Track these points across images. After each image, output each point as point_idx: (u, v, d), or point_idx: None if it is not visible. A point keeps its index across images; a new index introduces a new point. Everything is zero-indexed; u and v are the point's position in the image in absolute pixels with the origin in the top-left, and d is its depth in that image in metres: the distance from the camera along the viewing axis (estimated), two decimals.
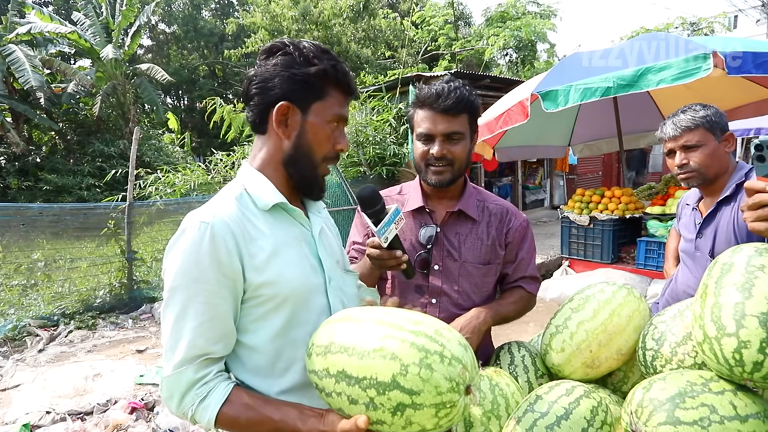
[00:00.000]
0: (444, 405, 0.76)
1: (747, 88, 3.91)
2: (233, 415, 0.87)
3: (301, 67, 0.94)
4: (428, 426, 0.77)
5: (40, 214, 5.28)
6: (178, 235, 0.89)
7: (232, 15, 20.12)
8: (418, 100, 1.36)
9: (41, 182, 11.04)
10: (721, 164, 1.69)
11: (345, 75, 0.98)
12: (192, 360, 0.87)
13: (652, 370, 1.05)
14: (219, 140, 9.92)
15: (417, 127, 1.36)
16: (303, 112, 0.96)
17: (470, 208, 1.42)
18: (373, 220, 1.15)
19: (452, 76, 1.41)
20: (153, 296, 5.35)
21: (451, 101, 1.29)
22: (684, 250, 1.84)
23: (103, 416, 2.96)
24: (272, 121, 0.95)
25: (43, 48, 12.34)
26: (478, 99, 1.38)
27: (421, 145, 1.36)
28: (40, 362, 3.87)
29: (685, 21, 14.83)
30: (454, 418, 0.79)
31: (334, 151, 1.01)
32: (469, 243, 1.41)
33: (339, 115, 0.99)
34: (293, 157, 0.98)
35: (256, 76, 0.96)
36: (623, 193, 4.60)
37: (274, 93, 0.94)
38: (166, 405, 0.91)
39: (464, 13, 15.37)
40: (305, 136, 0.97)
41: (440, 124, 1.31)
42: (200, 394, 0.87)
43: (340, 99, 0.99)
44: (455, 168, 1.35)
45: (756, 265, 0.89)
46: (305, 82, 0.94)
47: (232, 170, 6.74)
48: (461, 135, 1.33)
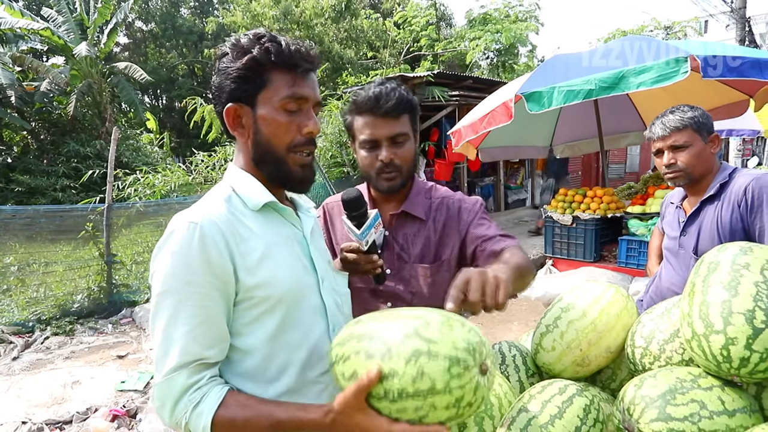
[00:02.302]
0: (458, 362, 0.75)
1: (721, 91, 4.04)
2: (229, 417, 0.83)
3: (234, 63, 0.90)
4: (438, 383, 0.74)
5: (12, 216, 5.11)
6: (166, 237, 0.86)
7: (212, 14, 19.85)
8: (357, 106, 1.30)
9: (13, 183, 10.69)
10: (706, 164, 1.73)
11: (280, 53, 0.90)
12: (185, 365, 0.83)
13: (641, 368, 1.07)
14: (199, 140, 9.76)
15: (359, 134, 1.31)
16: (252, 108, 0.92)
17: (416, 207, 1.39)
18: (355, 223, 1.15)
19: (384, 78, 1.38)
20: (133, 300, 5.23)
21: (392, 103, 1.26)
22: (668, 247, 1.89)
23: (83, 425, 2.87)
24: (228, 125, 0.94)
25: (13, 44, 11.92)
26: (415, 97, 1.36)
27: (366, 152, 1.32)
28: (15, 370, 3.74)
29: (660, 24, 15.25)
30: (465, 390, 0.76)
31: (301, 136, 0.93)
32: (417, 242, 1.38)
33: (291, 96, 0.91)
34: (258, 156, 0.95)
35: (211, 88, 0.95)
36: (605, 192, 4.70)
37: (224, 98, 0.92)
38: (159, 415, 0.86)
39: (446, 14, 15.49)
40: (260, 132, 0.93)
41: (383, 128, 1.28)
42: (193, 400, 0.83)
43: (287, 79, 0.91)
44: (404, 171, 1.33)
45: (741, 263, 0.92)
46: (240, 77, 0.90)
47: (214, 171, 6.65)
48: (406, 136, 1.30)
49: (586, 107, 4.69)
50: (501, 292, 0.87)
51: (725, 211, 1.66)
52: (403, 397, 0.76)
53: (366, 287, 1.39)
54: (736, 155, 10.99)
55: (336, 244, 1.47)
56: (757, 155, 14.08)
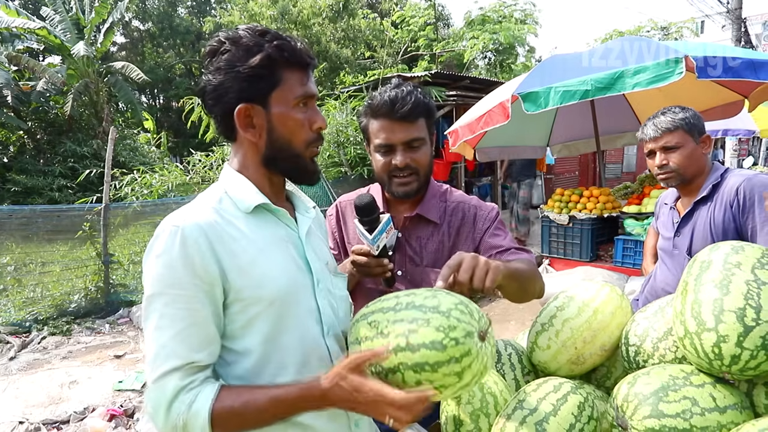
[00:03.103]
0: (450, 328, 0.80)
1: (715, 91, 4.06)
2: (227, 406, 0.82)
3: (243, 62, 0.88)
4: (429, 337, 0.79)
5: (9, 216, 5.09)
6: (153, 241, 0.86)
7: (209, 13, 19.80)
8: (372, 109, 1.29)
9: (9, 183, 10.66)
10: (698, 165, 1.75)
11: (293, 51, 0.90)
12: (177, 369, 0.82)
13: (635, 365, 1.09)
14: (197, 140, 9.76)
15: (374, 138, 1.30)
16: (265, 107, 0.91)
17: (430, 211, 1.37)
18: (367, 228, 1.16)
19: (401, 80, 1.35)
20: (131, 300, 5.22)
21: (407, 107, 1.23)
22: (662, 248, 1.91)
23: (80, 424, 2.88)
24: (238, 127, 0.92)
25: (9, 44, 11.90)
26: (432, 100, 1.34)
27: (381, 156, 1.31)
28: (12, 370, 3.73)
29: (656, 25, 15.30)
30: (469, 354, 0.80)
31: (313, 132, 0.95)
32: (430, 246, 1.38)
33: (304, 94, 0.93)
34: (272, 155, 0.94)
35: (207, 86, 0.91)
36: (601, 192, 4.71)
37: (229, 98, 0.90)
38: (153, 421, 0.84)
39: (443, 15, 15.51)
40: (276, 131, 0.92)
41: (399, 132, 1.26)
42: (187, 401, 0.81)
43: (298, 76, 0.92)
44: (421, 176, 1.32)
45: (732, 262, 0.93)
46: (253, 75, 0.88)
47: (211, 171, 6.64)
48: (422, 140, 1.29)
49: (582, 107, 4.71)
50: (489, 276, 0.93)
51: (718, 212, 1.68)
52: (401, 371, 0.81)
53: (376, 288, 1.39)
54: (732, 155, 11.07)
55: (348, 243, 1.47)
56: (753, 155, 14.16)
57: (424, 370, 0.79)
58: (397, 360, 0.81)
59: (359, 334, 0.90)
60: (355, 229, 1.44)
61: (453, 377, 0.80)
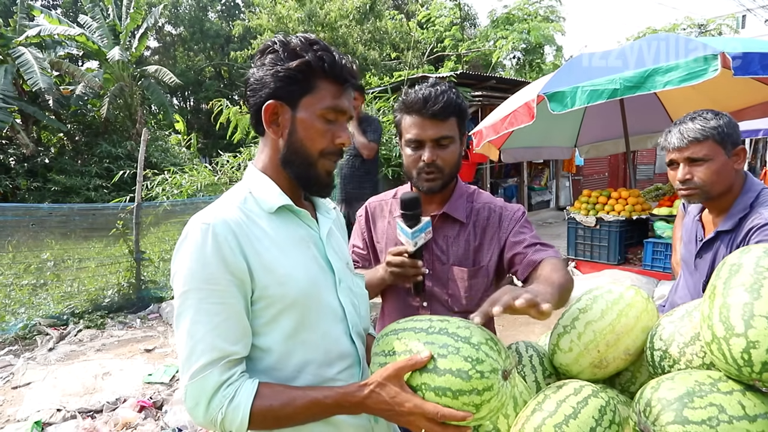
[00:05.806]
0: (478, 360, 0.82)
1: (754, 89, 3.89)
2: (266, 405, 0.84)
3: (284, 63, 0.91)
4: (456, 365, 0.82)
5: (49, 214, 5.33)
6: (182, 240, 0.89)
7: (238, 17, 20.22)
8: (405, 105, 1.33)
9: (50, 183, 11.14)
10: (727, 182, 1.50)
11: (334, 64, 0.92)
12: (215, 363, 0.84)
13: (660, 371, 1.06)
14: (225, 141, 9.98)
15: (405, 133, 1.34)
16: (293, 109, 0.93)
17: (457, 210, 1.40)
18: (409, 224, 1.17)
19: (438, 79, 1.39)
20: (161, 296, 5.39)
21: (439, 106, 1.26)
22: (685, 260, 1.76)
23: (112, 414, 2.99)
24: (264, 121, 0.95)
25: (51, 50, 12.49)
26: (465, 101, 1.37)
27: (410, 151, 1.34)
28: (51, 361, 3.91)
29: (693, 21, 14.75)
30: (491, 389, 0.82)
31: (333, 145, 0.96)
32: (456, 246, 1.39)
33: (333, 108, 0.94)
34: (288, 156, 0.96)
35: (249, 79, 0.96)
36: (630, 194, 4.59)
37: (264, 93, 0.93)
38: (192, 415, 0.86)
39: (470, 14, 15.38)
40: (297, 133, 0.94)
41: (429, 129, 1.29)
42: (227, 395, 0.84)
43: (333, 90, 0.94)
44: (446, 174, 1.34)
45: (765, 265, 0.89)
46: (289, 77, 0.91)
47: (239, 171, 6.78)
48: (451, 139, 1.31)
49: (611, 106, 4.59)
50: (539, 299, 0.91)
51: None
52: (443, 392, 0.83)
53: (406, 293, 1.42)
54: None
55: (377, 242, 1.50)
56: None
57: (446, 395, 0.81)
58: (421, 380, 0.83)
59: (388, 347, 0.91)
60: (384, 229, 1.48)
61: (471, 407, 0.82)
